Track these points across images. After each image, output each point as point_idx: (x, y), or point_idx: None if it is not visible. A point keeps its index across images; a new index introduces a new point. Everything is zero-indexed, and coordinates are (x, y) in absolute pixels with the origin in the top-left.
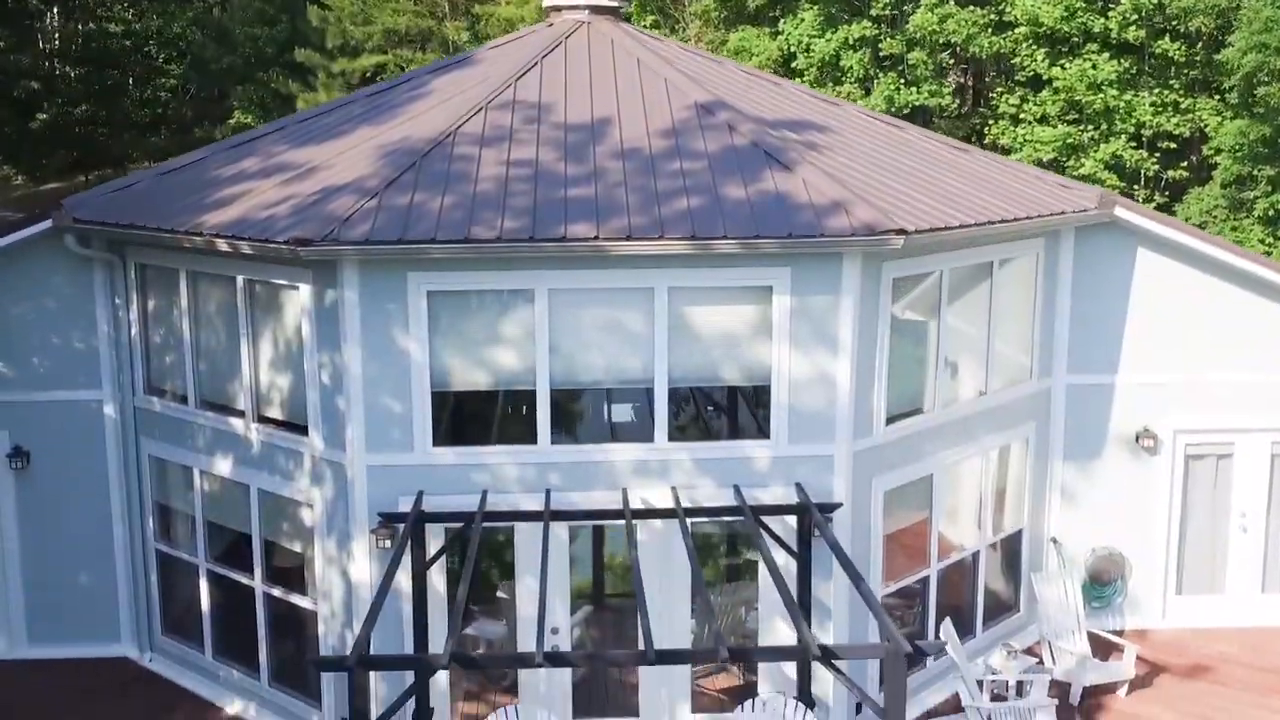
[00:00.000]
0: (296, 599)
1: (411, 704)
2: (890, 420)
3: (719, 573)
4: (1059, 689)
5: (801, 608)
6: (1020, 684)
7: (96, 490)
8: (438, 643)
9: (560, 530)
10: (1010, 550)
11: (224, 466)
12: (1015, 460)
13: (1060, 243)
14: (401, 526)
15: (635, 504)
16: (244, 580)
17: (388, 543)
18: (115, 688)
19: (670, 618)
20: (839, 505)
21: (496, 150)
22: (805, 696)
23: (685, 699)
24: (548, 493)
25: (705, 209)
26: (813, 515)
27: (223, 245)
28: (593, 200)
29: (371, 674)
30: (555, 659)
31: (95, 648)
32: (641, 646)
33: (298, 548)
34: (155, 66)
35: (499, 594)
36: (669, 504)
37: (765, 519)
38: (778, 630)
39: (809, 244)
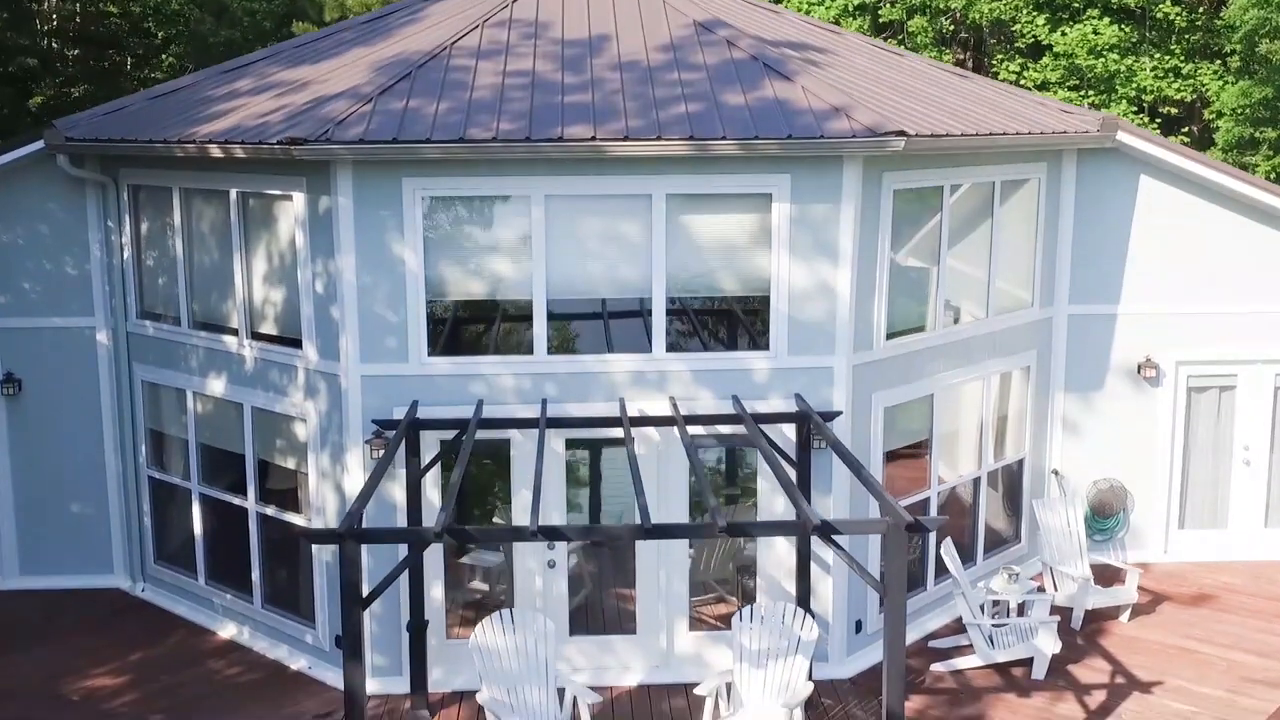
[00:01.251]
0: (290, 517)
1: (406, 653)
2: (891, 336)
3: (717, 501)
4: (1061, 615)
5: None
6: (1022, 606)
7: (89, 418)
8: (433, 557)
9: (557, 445)
10: (1011, 481)
11: (217, 387)
12: (1016, 389)
13: (1062, 169)
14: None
15: (633, 414)
16: (237, 502)
17: (382, 453)
18: (108, 616)
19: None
20: (839, 414)
21: (493, 63)
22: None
23: (683, 616)
24: (544, 403)
25: (704, 114)
26: (813, 420)
27: (216, 151)
28: (590, 106)
29: (367, 613)
30: (549, 532)
31: (87, 578)
32: (640, 524)
33: (291, 464)
34: (154, 46)
35: (495, 520)
36: (667, 415)
37: (764, 429)
38: (776, 546)
39: (809, 145)
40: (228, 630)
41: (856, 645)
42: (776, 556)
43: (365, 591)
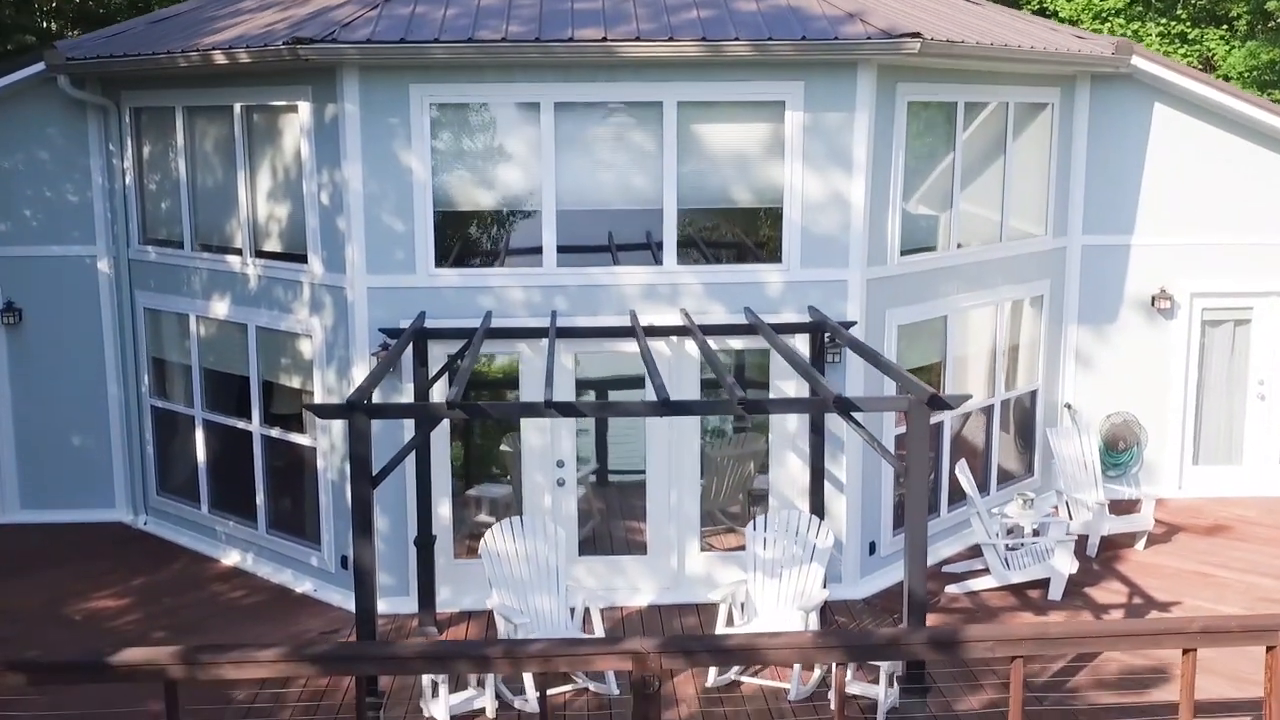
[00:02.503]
0: (295, 437)
1: (414, 573)
2: (905, 253)
3: (725, 428)
4: (1077, 542)
5: (814, 432)
6: (1036, 530)
7: (90, 348)
8: (439, 470)
9: (567, 360)
10: (1024, 414)
11: (221, 309)
12: (1029, 319)
13: (1075, 96)
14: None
15: (644, 326)
16: (241, 426)
17: (391, 367)
18: (109, 546)
19: (679, 456)
20: (854, 324)
21: None
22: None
23: (694, 537)
24: (553, 314)
25: (715, 18)
26: (827, 327)
27: (220, 58)
28: (600, 10)
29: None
30: (563, 408)
31: (88, 512)
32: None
33: (296, 383)
34: None
35: (503, 447)
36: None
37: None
38: (789, 465)
39: (823, 47)
40: (231, 558)
41: (870, 567)
42: (789, 475)
43: (374, 470)
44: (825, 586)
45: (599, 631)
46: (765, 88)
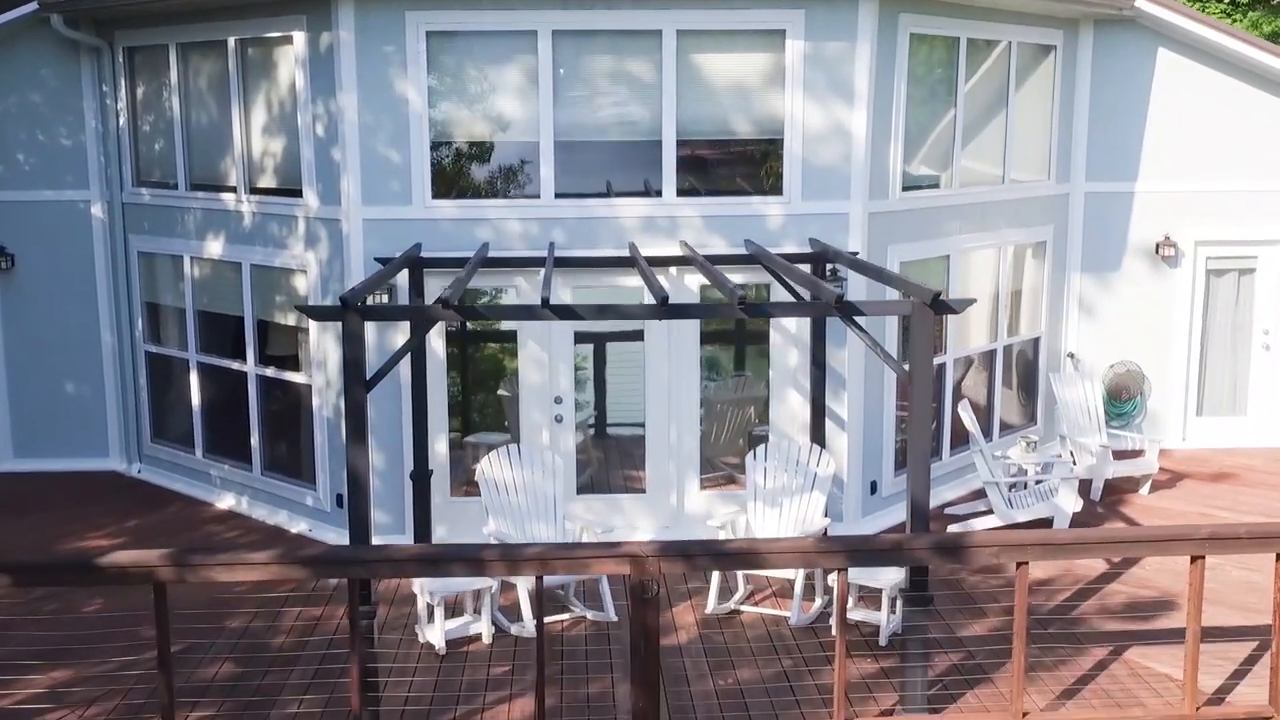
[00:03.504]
0: (290, 376)
1: (410, 510)
2: (907, 189)
3: (725, 370)
4: (1080, 486)
5: (815, 367)
6: (1040, 473)
7: (83, 294)
8: (436, 408)
9: (565, 294)
10: (1027, 364)
11: (215, 248)
12: (1031, 265)
13: (1079, 40)
14: (399, 277)
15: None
16: (236, 367)
17: (385, 298)
18: (103, 492)
19: (679, 393)
20: (855, 254)
21: None
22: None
23: (694, 474)
24: (551, 245)
25: None
26: (828, 252)
27: None
28: None
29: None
30: (561, 311)
31: (82, 461)
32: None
33: (291, 320)
34: None
35: (500, 391)
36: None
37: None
38: (789, 401)
39: None
40: (226, 501)
41: (872, 507)
42: (789, 412)
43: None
44: (826, 516)
45: (609, 603)
46: (765, 15)
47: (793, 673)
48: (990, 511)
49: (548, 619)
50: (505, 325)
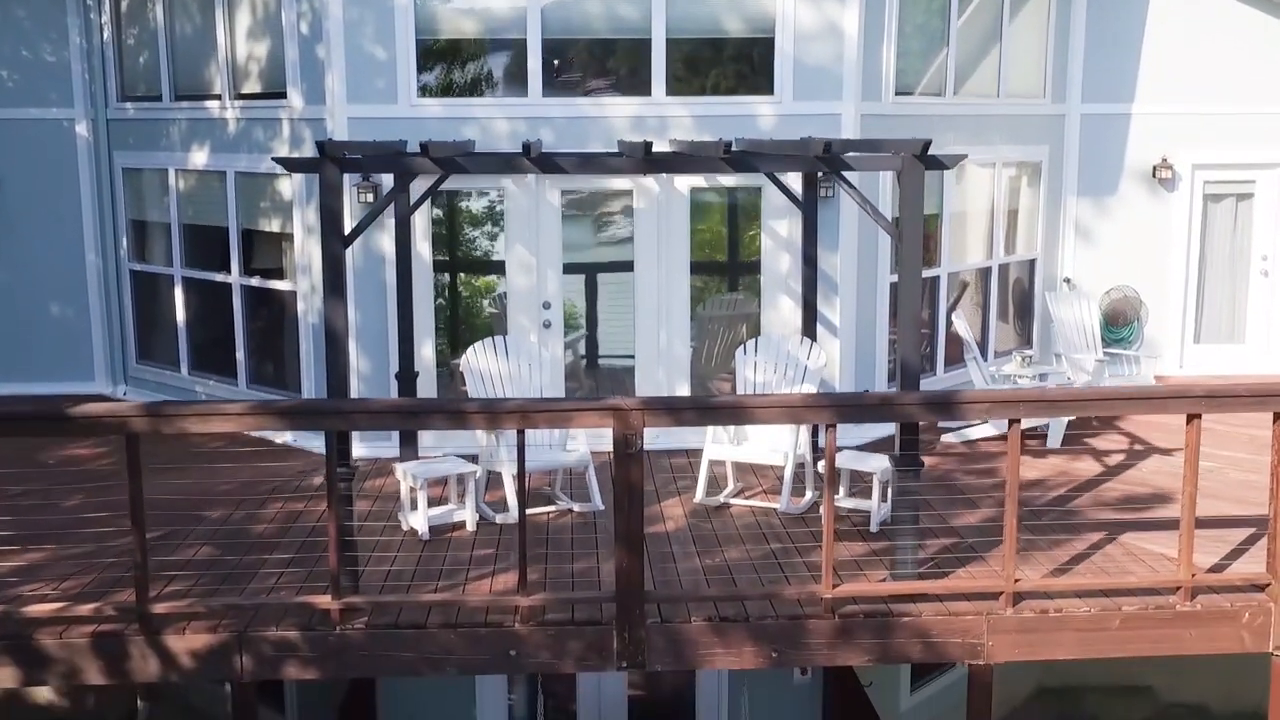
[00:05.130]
0: (274, 284)
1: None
2: (900, 94)
3: (718, 286)
4: None
5: (807, 265)
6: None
7: (68, 216)
8: (422, 314)
9: (553, 197)
10: (1023, 289)
11: (200, 158)
12: (1027, 186)
13: None
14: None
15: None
16: (220, 279)
17: (370, 196)
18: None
19: (669, 299)
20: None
21: None
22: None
23: (684, 380)
24: (538, 142)
25: None
26: (824, 145)
27: None
28: None
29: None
30: (543, 162)
31: (67, 385)
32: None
33: (275, 227)
34: None
35: (488, 309)
36: (666, 172)
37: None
38: (781, 305)
39: None
40: None
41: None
42: (781, 318)
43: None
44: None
45: (591, 472)
46: None
47: (781, 554)
48: (985, 421)
49: (533, 510)
50: (492, 226)
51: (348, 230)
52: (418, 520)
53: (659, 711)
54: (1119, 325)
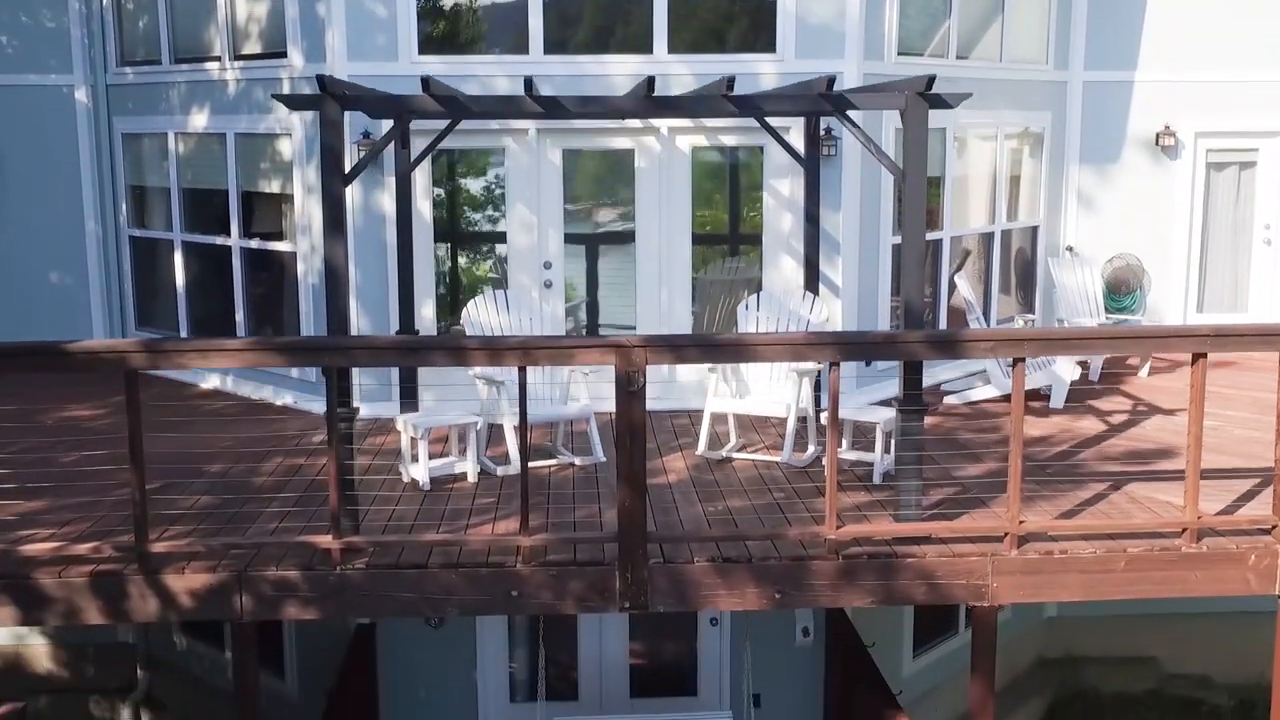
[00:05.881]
0: (274, 245)
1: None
2: (903, 54)
3: (720, 249)
4: (1080, 367)
5: (809, 223)
6: None
7: (68, 182)
8: (423, 269)
9: (554, 155)
10: (1025, 257)
11: (200, 121)
12: (1029, 153)
13: None
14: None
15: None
16: (220, 241)
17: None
18: (88, 375)
19: (670, 252)
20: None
21: None
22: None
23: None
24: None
25: None
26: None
27: None
28: None
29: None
30: (546, 104)
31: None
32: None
33: (275, 187)
34: None
35: (489, 273)
36: (669, 115)
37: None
38: (782, 264)
39: None
40: (211, 381)
41: (866, 379)
42: (782, 277)
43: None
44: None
45: (592, 424)
46: None
47: (785, 503)
48: (987, 383)
49: (534, 464)
50: (495, 189)
51: (348, 170)
52: (419, 471)
53: (660, 678)
54: (1122, 293)
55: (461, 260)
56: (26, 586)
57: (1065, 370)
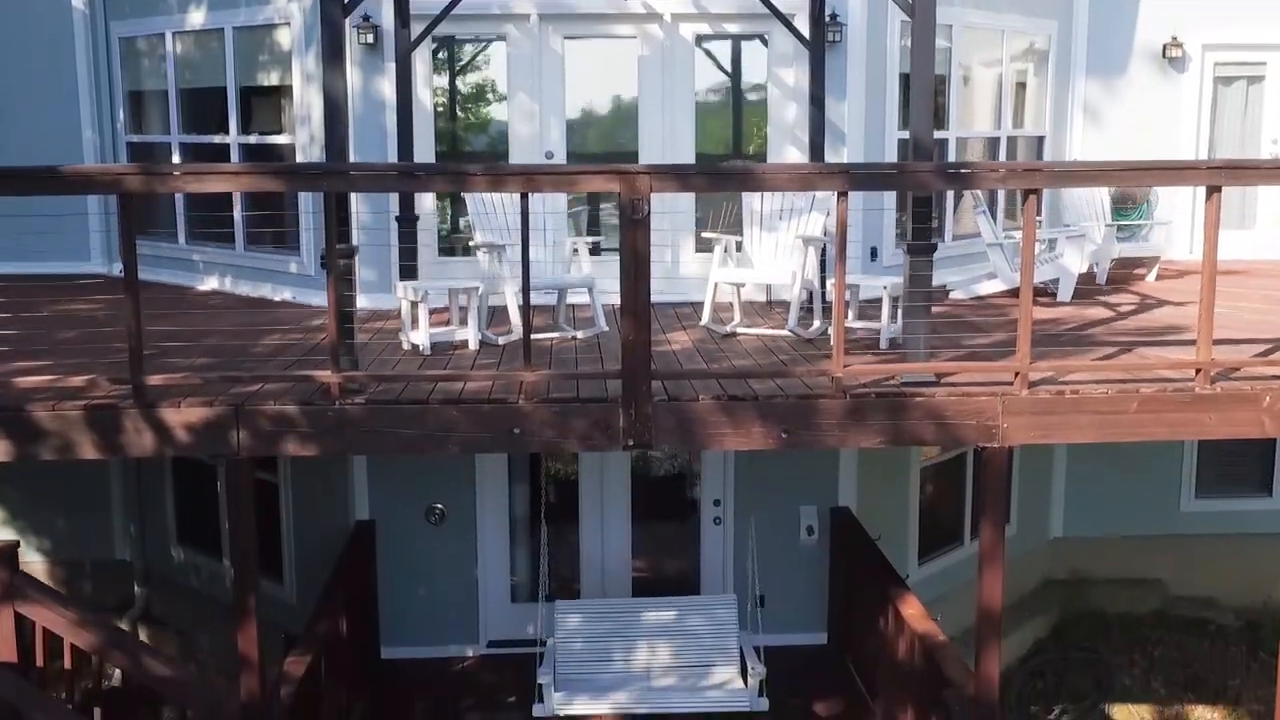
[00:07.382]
0: (273, 139)
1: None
2: None
3: (723, 140)
4: (1086, 273)
5: (814, 107)
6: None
7: (64, 92)
8: (423, 155)
9: (555, 44)
10: None
11: (198, 18)
12: (1035, 67)
13: None
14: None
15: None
16: (218, 140)
17: (370, 37)
18: (88, 288)
19: (673, 138)
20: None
21: None
22: None
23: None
24: None
25: None
26: None
27: None
28: None
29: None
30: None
31: (63, 264)
32: None
33: (275, 79)
34: None
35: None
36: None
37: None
38: (788, 156)
39: None
40: (210, 283)
41: (871, 274)
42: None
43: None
44: (826, 234)
45: (595, 294)
46: None
47: (790, 360)
48: (994, 276)
49: (537, 335)
50: (495, 75)
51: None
52: (419, 337)
53: (663, 580)
54: (1128, 208)
55: (461, 142)
56: (21, 420)
57: (1073, 262)
